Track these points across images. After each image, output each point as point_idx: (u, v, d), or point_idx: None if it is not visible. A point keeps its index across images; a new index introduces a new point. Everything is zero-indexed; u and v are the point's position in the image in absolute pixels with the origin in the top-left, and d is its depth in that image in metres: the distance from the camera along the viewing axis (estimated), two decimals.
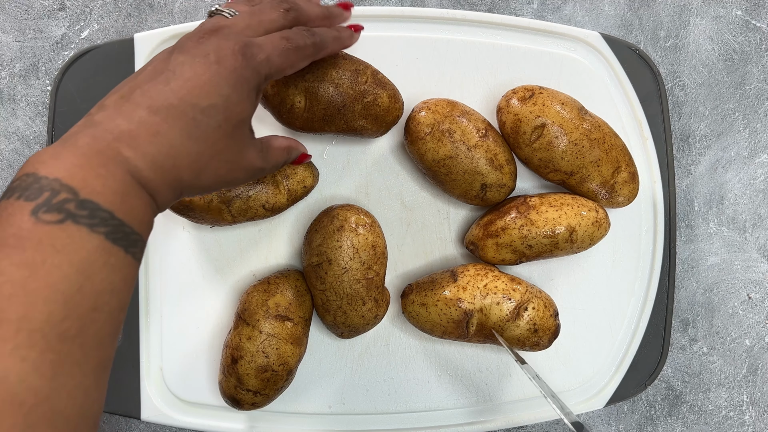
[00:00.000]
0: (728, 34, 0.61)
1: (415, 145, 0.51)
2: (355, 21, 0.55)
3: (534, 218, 0.51)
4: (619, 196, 0.54)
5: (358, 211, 0.51)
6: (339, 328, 0.52)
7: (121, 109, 0.34)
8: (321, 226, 0.51)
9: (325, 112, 0.49)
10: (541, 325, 0.50)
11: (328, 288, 0.50)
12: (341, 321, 0.51)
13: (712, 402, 0.61)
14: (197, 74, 0.35)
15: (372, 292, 0.51)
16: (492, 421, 0.57)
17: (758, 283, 0.61)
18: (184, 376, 0.55)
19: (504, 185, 0.52)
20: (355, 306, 0.50)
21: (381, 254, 0.51)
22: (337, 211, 0.51)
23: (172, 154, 0.34)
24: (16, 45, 0.57)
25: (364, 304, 0.50)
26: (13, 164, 0.57)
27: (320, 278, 0.50)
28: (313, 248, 0.50)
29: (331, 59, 0.49)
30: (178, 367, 0.55)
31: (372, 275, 0.50)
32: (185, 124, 0.34)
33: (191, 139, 0.34)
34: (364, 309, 0.51)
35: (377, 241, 0.50)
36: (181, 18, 0.58)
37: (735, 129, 0.61)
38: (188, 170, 0.35)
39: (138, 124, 0.33)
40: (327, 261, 0.49)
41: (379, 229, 0.51)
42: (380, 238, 0.51)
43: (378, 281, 0.51)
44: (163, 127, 0.33)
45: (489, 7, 0.60)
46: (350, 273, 0.49)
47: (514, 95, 0.52)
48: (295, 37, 0.40)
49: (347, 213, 0.50)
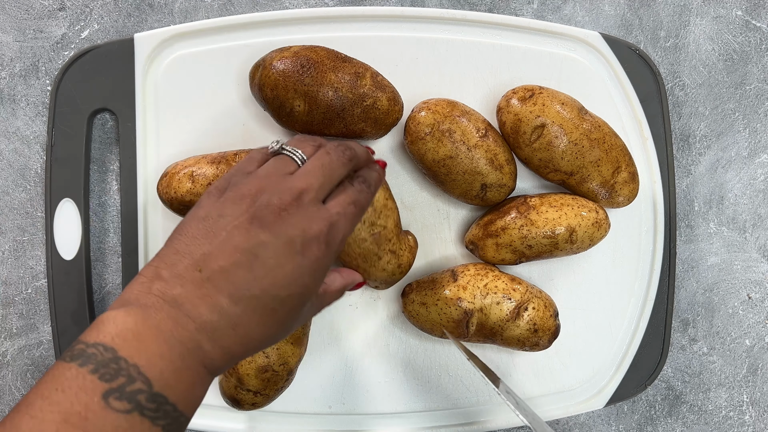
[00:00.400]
0: (728, 34, 0.61)
1: (415, 145, 0.51)
2: (355, 21, 0.56)
3: (534, 218, 0.51)
4: (619, 196, 0.54)
5: None
6: (370, 284, 0.53)
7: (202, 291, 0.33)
8: None
9: (324, 116, 0.49)
10: (541, 325, 0.50)
11: (341, 253, 0.50)
12: (366, 277, 0.51)
13: (712, 402, 0.61)
14: (280, 264, 0.34)
15: (384, 245, 0.50)
16: (492, 421, 0.57)
17: (758, 283, 0.61)
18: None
19: (504, 185, 0.52)
20: (372, 263, 0.50)
21: (382, 207, 0.50)
22: None
23: (245, 342, 0.34)
24: (16, 45, 0.57)
25: (380, 258, 0.50)
26: (13, 164, 0.57)
27: None
28: None
29: (331, 62, 0.49)
30: None
31: (378, 230, 0.49)
32: (263, 315, 0.34)
33: (266, 326, 0.35)
34: (382, 263, 0.50)
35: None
36: (181, 18, 0.58)
37: (735, 129, 0.61)
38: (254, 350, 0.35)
39: (220, 315, 0.33)
40: None
41: None
42: (379, 192, 0.49)
43: (388, 234, 0.50)
44: (243, 319, 0.33)
45: (489, 7, 0.60)
46: (353, 234, 0.49)
47: (514, 95, 0.52)
48: (360, 198, 0.40)
49: None
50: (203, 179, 0.49)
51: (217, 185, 0.39)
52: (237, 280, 0.33)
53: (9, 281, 0.57)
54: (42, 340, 0.57)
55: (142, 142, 0.55)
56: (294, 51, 0.49)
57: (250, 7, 0.59)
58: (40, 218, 0.57)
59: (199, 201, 0.38)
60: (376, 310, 0.57)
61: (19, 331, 0.57)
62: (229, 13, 0.58)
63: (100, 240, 0.57)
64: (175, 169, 0.50)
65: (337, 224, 0.37)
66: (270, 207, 0.35)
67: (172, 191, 0.50)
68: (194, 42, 0.55)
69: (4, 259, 0.57)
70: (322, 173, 0.39)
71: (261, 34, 0.55)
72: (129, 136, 0.55)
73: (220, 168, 0.50)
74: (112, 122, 0.57)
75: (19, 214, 0.57)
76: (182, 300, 0.33)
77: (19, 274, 0.57)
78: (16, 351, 0.57)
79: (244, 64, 0.55)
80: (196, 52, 0.55)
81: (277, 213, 0.35)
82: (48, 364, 0.57)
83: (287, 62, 0.48)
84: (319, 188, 0.38)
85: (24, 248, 0.57)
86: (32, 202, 0.57)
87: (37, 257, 0.57)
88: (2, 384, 0.57)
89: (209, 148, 0.55)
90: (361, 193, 0.40)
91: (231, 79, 0.55)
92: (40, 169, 0.57)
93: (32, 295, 0.57)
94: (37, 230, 0.57)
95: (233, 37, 0.55)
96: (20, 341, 0.57)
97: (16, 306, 0.57)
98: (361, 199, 0.40)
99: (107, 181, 0.58)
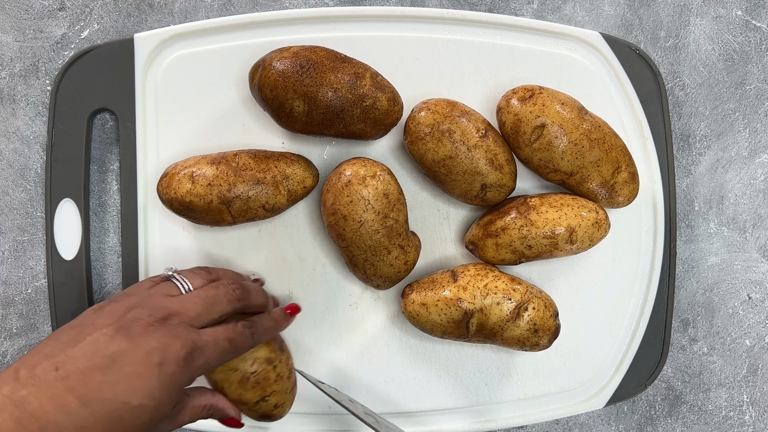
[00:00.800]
0: (728, 34, 0.61)
1: (415, 145, 0.51)
2: (355, 21, 0.56)
3: (534, 219, 0.51)
4: (619, 196, 0.54)
5: (365, 162, 0.50)
6: (373, 281, 0.53)
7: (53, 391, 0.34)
8: (331, 185, 0.50)
9: (324, 117, 0.49)
10: (541, 326, 0.50)
11: (350, 244, 0.50)
12: (372, 273, 0.51)
13: (712, 402, 0.61)
14: (136, 373, 0.35)
15: (395, 239, 0.50)
16: (492, 421, 0.57)
17: (758, 283, 0.61)
18: None
19: (504, 185, 0.52)
20: (381, 256, 0.50)
21: (396, 200, 0.50)
22: (343, 167, 0.50)
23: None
24: (16, 45, 0.57)
25: (390, 252, 0.50)
26: (13, 164, 0.57)
27: (340, 236, 0.50)
28: (328, 208, 0.50)
29: (330, 63, 0.49)
30: None
31: (390, 223, 0.50)
32: (111, 421, 0.35)
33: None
34: (390, 258, 0.51)
35: (389, 188, 0.50)
36: (181, 18, 0.58)
37: (735, 129, 0.61)
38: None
39: (67, 415, 0.33)
40: (342, 218, 0.49)
41: (389, 177, 0.50)
42: (392, 185, 0.50)
43: (398, 228, 0.50)
44: (90, 421, 0.34)
45: (489, 7, 0.60)
46: (367, 225, 0.49)
47: (514, 95, 0.52)
48: (238, 338, 0.42)
49: (353, 167, 0.50)
50: (203, 180, 0.49)
51: (98, 305, 0.40)
52: (90, 382, 0.34)
53: (9, 281, 0.57)
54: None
55: (142, 142, 0.55)
56: (293, 51, 0.49)
57: (250, 7, 0.59)
58: (40, 218, 0.57)
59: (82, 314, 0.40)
60: (376, 310, 0.57)
61: (19, 331, 0.57)
62: (229, 13, 0.58)
63: (100, 240, 0.57)
64: (175, 170, 0.50)
65: (202, 349, 0.38)
66: (138, 321, 0.37)
67: (172, 192, 0.50)
68: (194, 42, 0.55)
69: (4, 259, 0.57)
70: (202, 303, 0.41)
71: (261, 34, 0.55)
72: (129, 136, 0.55)
73: (220, 168, 0.50)
74: (112, 122, 0.57)
75: (19, 214, 0.57)
76: (30, 399, 0.33)
77: (19, 274, 0.57)
78: (16, 351, 0.58)
79: (244, 64, 0.55)
80: (196, 52, 0.55)
81: (143, 326, 0.37)
82: None
83: (287, 63, 0.48)
84: (195, 316, 0.40)
85: (24, 248, 0.57)
86: (32, 202, 0.57)
87: (37, 257, 0.57)
88: None
89: (209, 148, 0.55)
90: (241, 335, 0.42)
91: (231, 79, 0.55)
92: (40, 169, 0.57)
93: (32, 295, 0.57)
94: (37, 230, 0.57)
95: (233, 37, 0.55)
96: (20, 341, 0.58)
97: (16, 306, 0.57)
98: (238, 340, 0.42)
99: (107, 181, 0.58)
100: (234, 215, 0.50)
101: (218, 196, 0.49)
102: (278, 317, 0.49)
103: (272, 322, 0.47)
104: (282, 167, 0.51)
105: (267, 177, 0.50)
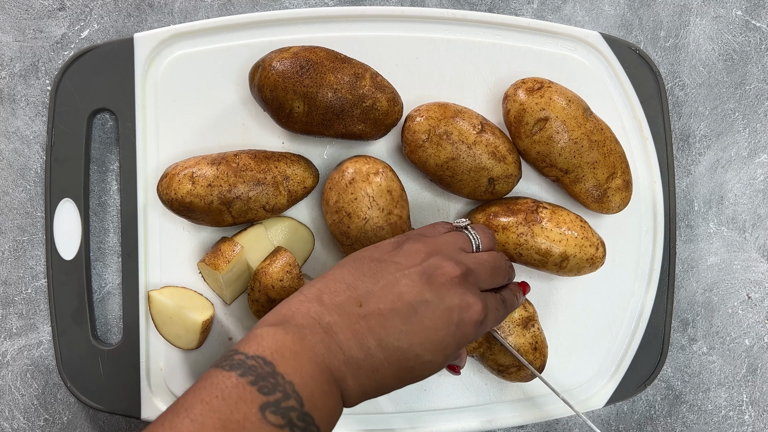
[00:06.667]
0: (728, 34, 0.61)
1: (416, 153, 0.51)
2: (355, 21, 0.56)
3: (537, 232, 0.51)
4: (611, 202, 0.53)
5: (367, 159, 0.50)
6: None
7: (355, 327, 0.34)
8: (334, 183, 0.50)
9: (323, 117, 0.49)
10: (540, 348, 0.52)
11: (355, 241, 0.50)
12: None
13: (712, 402, 0.61)
14: (434, 328, 0.35)
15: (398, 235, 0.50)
16: (492, 421, 0.57)
17: (758, 283, 0.61)
18: (184, 376, 0.55)
19: (511, 175, 0.52)
20: None
21: (399, 197, 0.50)
22: (346, 164, 0.50)
23: (379, 387, 0.35)
24: (16, 45, 0.57)
25: None
26: (12, 164, 0.57)
27: (345, 233, 0.50)
28: (331, 206, 0.50)
29: (330, 63, 0.49)
30: (178, 367, 0.55)
31: (394, 219, 0.50)
32: (400, 369, 0.35)
33: (398, 380, 0.36)
34: None
35: (392, 185, 0.50)
36: (181, 18, 0.58)
37: (735, 129, 0.61)
38: (379, 395, 0.36)
39: (366, 355, 0.34)
40: (347, 215, 0.49)
41: (391, 173, 0.51)
42: (395, 181, 0.51)
43: (402, 224, 0.51)
44: (383, 366, 0.34)
45: (489, 7, 0.60)
46: (371, 222, 0.49)
47: (523, 84, 0.52)
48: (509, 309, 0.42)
49: (356, 164, 0.50)
50: (203, 180, 0.49)
51: (395, 239, 0.40)
52: (390, 328, 0.34)
53: (9, 281, 0.57)
54: (42, 340, 0.57)
55: (142, 142, 0.55)
56: (293, 52, 0.49)
57: (250, 7, 0.58)
58: (40, 218, 0.57)
59: (378, 244, 0.40)
60: None
61: (19, 331, 0.57)
62: (229, 13, 0.58)
63: (100, 240, 0.57)
64: (175, 170, 0.50)
65: (491, 317, 0.38)
66: (441, 270, 0.36)
67: (173, 192, 0.50)
68: (194, 42, 0.55)
69: (4, 259, 0.57)
70: (491, 269, 0.40)
71: (261, 34, 0.55)
72: (129, 136, 0.55)
73: (220, 169, 0.50)
74: (112, 122, 0.57)
75: (19, 214, 0.57)
76: (337, 329, 0.34)
77: (19, 274, 0.57)
78: (16, 351, 0.58)
79: (243, 64, 0.55)
80: (195, 52, 0.55)
81: (447, 279, 0.36)
82: (48, 364, 0.57)
83: (286, 63, 0.48)
84: (483, 280, 0.39)
85: (24, 248, 0.57)
86: (32, 202, 0.57)
87: (37, 257, 0.57)
88: (2, 384, 0.57)
89: (209, 148, 0.55)
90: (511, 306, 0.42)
91: (231, 79, 0.55)
92: (40, 169, 0.57)
93: (32, 295, 0.57)
94: (37, 230, 0.57)
95: (233, 37, 0.55)
96: (20, 341, 0.58)
97: (16, 306, 0.57)
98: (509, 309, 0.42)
99: (107, 181, 0.58)
100: (234, 216, 0.50)
101: (218, 197, 0.49)
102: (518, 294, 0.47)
103: (516, 300, 0.46)
104: (282, 168, 0.51)
105: (267, 177, 0.50)
